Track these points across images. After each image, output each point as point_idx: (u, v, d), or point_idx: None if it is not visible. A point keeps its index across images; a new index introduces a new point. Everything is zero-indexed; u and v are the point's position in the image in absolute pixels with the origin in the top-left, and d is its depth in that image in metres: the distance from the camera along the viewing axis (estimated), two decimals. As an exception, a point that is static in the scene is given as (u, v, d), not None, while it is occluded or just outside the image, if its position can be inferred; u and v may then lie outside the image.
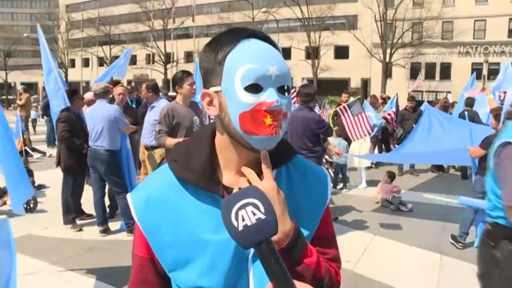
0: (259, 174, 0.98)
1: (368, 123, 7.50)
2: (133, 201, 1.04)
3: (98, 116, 5.49)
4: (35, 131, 17.89)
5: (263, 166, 0.98)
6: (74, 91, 6.16)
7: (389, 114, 11.30)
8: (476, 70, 28.02)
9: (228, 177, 1.02)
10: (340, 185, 8.57)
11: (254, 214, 0.84)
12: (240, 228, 0.84)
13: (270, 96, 0.93)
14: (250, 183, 0.96)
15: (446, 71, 39.11)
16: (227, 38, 0.97)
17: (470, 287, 4.40)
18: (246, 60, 0.93)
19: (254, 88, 0.92)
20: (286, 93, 0.98)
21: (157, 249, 1.01)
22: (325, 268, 1.03)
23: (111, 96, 6.11)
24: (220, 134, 1.02)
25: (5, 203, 6.51)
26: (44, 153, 12.25)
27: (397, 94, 11.51)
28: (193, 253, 0.98)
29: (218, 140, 1.03)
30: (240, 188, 0.95)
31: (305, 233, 1.03)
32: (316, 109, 9.15)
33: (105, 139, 5.43)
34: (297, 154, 1.12)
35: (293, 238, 0.95)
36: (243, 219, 0.83)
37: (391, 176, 7.45)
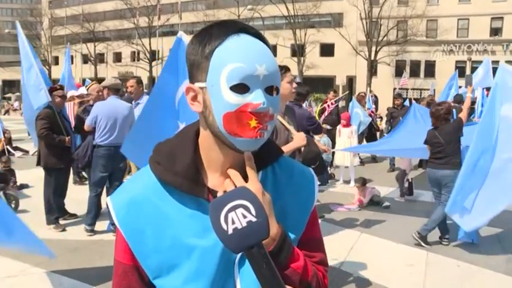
0: (245, 175, 0.94)
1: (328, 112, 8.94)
2: (113, 204, 0.98)
3: (118, 111, 5.46)
4: None
5: (247, 167, 0.94)
6: (52, 88, 5.96)
7: (372, 112, 11.56)
8: (460, 68, 28.34)
9: (213, 179, 0.98)
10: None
11: (245, 217, 0.80)
12: (230, 231, 0.80)
13: (256, 97, 0.88)
14: (235, 185, 0.92)
15: (430, 69, 39.48)
16: (216, 31, 0.92)
17: (457, 283, 4.46)
18: (233, 57, 0.88)
19: (240, 88, 0.88)
20: (275, 94, 0.94)
21: (140, 255, 0.96)
22: (312, 272, 1.00)
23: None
24: (204, 133, 0.97)
25: None
26: (26, 152, 12.10)
27: (370, 93, 12.16)
28: (178, 258, 0.94)
29: (202, 139, 0.99)
30: (225, 191, 0.91)
31: (292, 235, 1.00)
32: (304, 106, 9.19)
33: (123, 135, 5.23)
34: (283, 154, 1.08)
35: (280, 242, 0.92)
36: (233, 222, 0.80)
37: (363, 183, 7.37)
